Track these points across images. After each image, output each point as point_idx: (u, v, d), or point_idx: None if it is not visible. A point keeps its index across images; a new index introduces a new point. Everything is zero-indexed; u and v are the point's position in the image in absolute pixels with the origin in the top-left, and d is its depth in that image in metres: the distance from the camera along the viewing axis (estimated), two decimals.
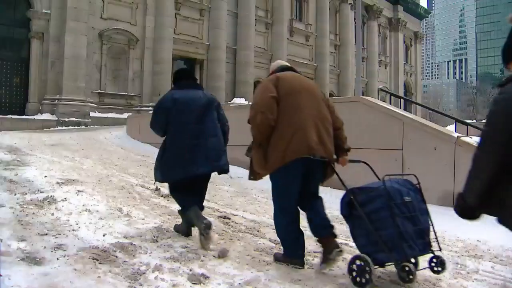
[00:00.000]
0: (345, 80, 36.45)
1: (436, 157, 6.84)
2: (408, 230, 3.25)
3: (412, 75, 48.65)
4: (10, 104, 20.82)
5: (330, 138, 3.67)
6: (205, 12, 27.18)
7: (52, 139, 14.02)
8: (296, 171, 3.54)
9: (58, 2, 21.15)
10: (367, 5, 39.05)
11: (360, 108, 8.12)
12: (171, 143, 4.39)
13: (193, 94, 4.48)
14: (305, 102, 3.64)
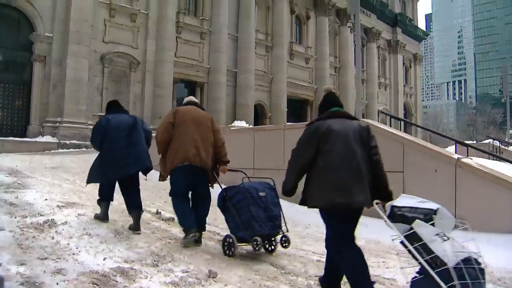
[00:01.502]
0: (345, 102, 36.31)
1: (437, 179, 6.85)
2: (260, 215, 4.88)
3: (412, 97, 48.79)
4: (12, 126, 20.85)
5: (207, 153, 5.38)
6: (206, 35, 27.37)
7: (53, 162, 14.01)
8: (181, 171, 5.25)
9: (60, 26, 21.31)
10: (366, 28, 39.41)
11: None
12: (108, 152, 5.90)
13: (121, 117, 6.12)
14: (191, 128, 5.38)
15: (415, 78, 49.77)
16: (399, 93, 44.81)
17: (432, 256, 3.05)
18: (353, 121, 3.83)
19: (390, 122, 22.69)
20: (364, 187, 3.52)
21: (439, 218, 3.20)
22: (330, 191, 3.48)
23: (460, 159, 6.80)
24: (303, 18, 34.43)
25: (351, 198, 3.44)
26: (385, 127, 8.54)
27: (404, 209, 3.33)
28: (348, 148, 3.57)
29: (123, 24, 23.65)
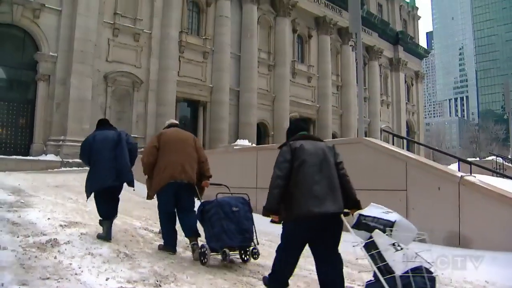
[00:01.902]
0: (348, 120, 36.55)
1: (440, 197, 6.82)
2: (231, 228, 5.29)
3: (414, 114, 48.86)
4: (15, 145, 20.93)
5: (192, 169, 5.91)
6: (208, 55, 27.55)
7: (56, 181, 14.01)
8: (167, 190, 5.74)
9: (65, 45, 21.53)
10: (368, 46, 39.60)
11: (363, 149, 8.14)
12: (93, 166, 6.43)
13: (107, 133, 6.54)
14: (176, 148, 5.89)
15: (417, 96, 49.88)
16: (401, 110, 44.87)
17: (384, 264, 3.37)
18: (320, 142, 4.25)
19: (392, 140, 22.72)
20: (336, 197, 3.88)
21: (395, 230, 3.53)
22: (305, 202, 3.80)
23: (463, 177, 6.77)
24: (305, 37, 34.66)
25: (325, 207, 3.77)
26: (388, 145, 8.52)
27: (368, 219, 3.65)
28: (319, 164, 3.96)
29: (126, 44, 23.88)
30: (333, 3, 35.77)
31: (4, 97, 21.08)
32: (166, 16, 25.16)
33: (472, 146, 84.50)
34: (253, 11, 29.68)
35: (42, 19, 21.24)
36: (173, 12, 25.43)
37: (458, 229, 6.42)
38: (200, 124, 27.18)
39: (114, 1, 23.70)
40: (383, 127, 40.24)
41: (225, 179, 10.37)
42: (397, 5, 47.30)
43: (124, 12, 23.94)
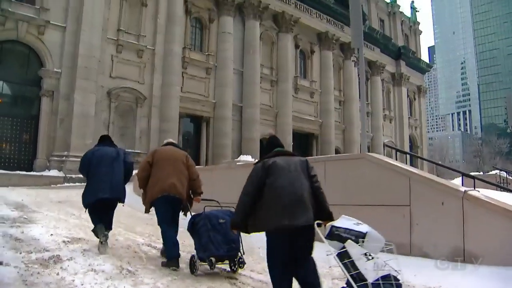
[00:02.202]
0: (351, 135, 36.52)
1: (444, 212, 6.78)
2: (217, 239, 5.64)
3: (417, 128, 48.83)
4: (19, 160, 21.01)
5: (182, 185, 6.25)
6: (211, 70, 27.72)
7: (59, 196, 14.02)
8: (160, 201, 6.13)
9: (69, 62, 21.70)
10: (370, 61, 39.77)
11: (365, 165, 8.13)
12: (90, 180, 6.81)
13: (106, 149, 6.95)
14: (168, 164, 6.29)
15: (419, 110, 49.88)
16: (404, 125, 44.85)
17: (357, 272, 3.63)
18: (294, 157, 4.47)
19: (396, 155, 22.66)
20: (306, 210, 4.10)
21: (366, 240, 3.80)
22: (276, 215, 4.05)
23: (467, 191, 6.74)
24: (308, 52, 34.82)
25: (294, 219, 4.01)
26: (391, 160, 8.50)
27: (340, 230, 3.90)
28: (291, 179, 4.20)
29: (130, 60, 24.04)
30: (335, 19, 35.97)
31: (8, 113, 21.22)
32: (170, 33, 25.36)
33: (475, 160, 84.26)
34: (255, 27, 29.90)
35: (46, 36, 21.46)
36: (176, 29, 25.65)
37: (463, 244, 6.37)
38: (203, 139, 27.24)
39: (117, 17, 23.91)
40: (386, 141, 40.16)
41: (228, 195, 10.38)
42: (398, 20, 47.53)
43: (128, 28, 24.15)
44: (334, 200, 8.30)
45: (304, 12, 33.60)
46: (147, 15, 25.11)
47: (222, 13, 28.49)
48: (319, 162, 9.55)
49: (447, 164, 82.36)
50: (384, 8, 46.23)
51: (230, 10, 28.66)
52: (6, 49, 20.98)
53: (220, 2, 28.44)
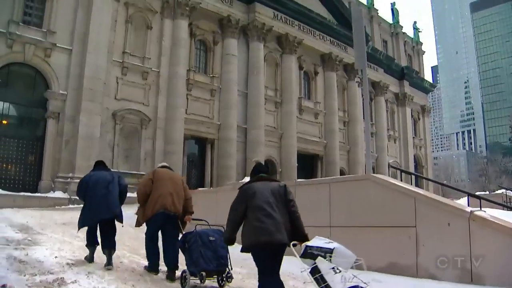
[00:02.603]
0: (355, 156, 36.40)
1: (450, 233, 6.76)
2: (208, 255, 6.10)
3: (422, 148, 48.69)
4: (24, 182, 21.01)
5: (180, 204, 6.99)
6: (216, 92, 27.83)
7: (64, 218, 14.00)
8: (157, 219, 6.80)
9: (74, 84, 21.85)
10: (373, 82, 39.83)
11: (371, 186, 8.14)
12: (87, 203, 7.43)
13: (101, 173, 7.65)
14: (166, 184, 6.96)
15: (424, 130, 49.80)
16: (409, 145, 44.72)
17: (326, 284, 4.08)
18: (273, 182, 5.01)
19: (400, 176, 22.62)
20: (281, 229, 4.57)
21: (334, 256, 4.26)
22: (256, 233, 4.58)
23: (473, 212, 6.73)
24: (311, 73, 34.93)
25: (272, 237, 4.50)
26: (396, 181, 8.50)
27: (313, 248, 4.40)
28: (269, 202, 4.69)
29: (135, 82, 24.21)
30: (338, 40, 36.11)
31: (14, 134, 21.30)
32: (174, 55, 25.56)
33: (481, 179, 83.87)
34: (259, 49, 30.07)
35: (53, 58, 21.65)
36: (181, 51, 25.84)
37: (470, 265, 6.35)
38: (208, 161, 27.23)
39: (123, 40, 24.14)
40: (391, 162, 40.04)
41: None
42: (401, 40, 47.76)
43: (133, 51, 24.37)
44: (339, 222, 8.35)
45: (308, 34, 33.77)
46: (152, 38, 25.36)
47: (226, 35, 28.72)
48: (324, 184, 9.58)
49: (452, 183, 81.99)
50: (387, 29, 46.52)
51: (234, 32, 28.91)
52: (13, 71, 21.17)
53: (224, 24, 28.70)
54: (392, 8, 48.93)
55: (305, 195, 9.30)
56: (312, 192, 9.50)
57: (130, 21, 24.63)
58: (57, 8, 22.10)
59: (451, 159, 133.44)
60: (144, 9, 25.21)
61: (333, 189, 8.90)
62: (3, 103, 20.88)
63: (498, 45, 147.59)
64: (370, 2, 44.66)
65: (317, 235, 4.66)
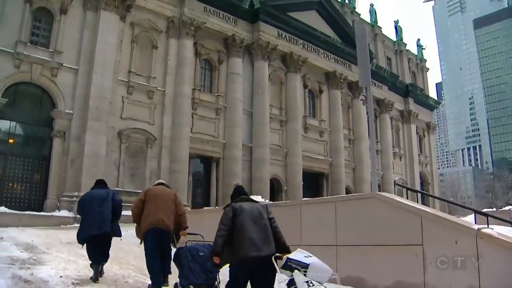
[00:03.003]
0: (361, 173, 36.25)
1: (458, 251, 6.70)
2: (196, 269, 6.38)
3: (428, 165, 48.49)
4: (29, 200, 21.01)
5: (169, 219, 7.28)
6: (221, 111, 27.92)
7: (69, 237, 13.94)
8: (150, 234, 7.15)
9: (80, 103, 21.97)
10: (378, 99, 39.89)
11: (376, 204, 8.10)
12: (83, 219, 8.25)
13: (98, 191, 8.36)
14: (159, 201, 7.35)
15: (429, 147, 49.66)
16: (414, 162, 44.54)
17: None
18: (256, 203, 5.55)
19: (406, 193, 22.53)
20: (269, 243, 5.04)
21: (309, 270, 4.54)
22: (244, 249, 4.92)
23: (480, 229, 6.66)
24: (316, 92, 35.00)
25: (260, 251, 4.90)
26: (402, 199, 8.46)
27: (292, 261, 4.68)
28: (255, 219, 5.15)
29: (140, 101, 24.35)
30: (342, 58, 36.28)
31: (20, 153, 21.42)
32: (179, 74, 25.75)
33: (488, 195, 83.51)
34: (264, 68, 30.24)
35: (59, 78, 21.84)
36: (186, 70, 26.02)
37: (478, 284, 6.28)
38: (213, 180, 27.19)
39: (128, 59, 24.36)
40: (397, 179, 39.95)
41: None
42: (405, 58, 47.88)
43: (138, 70, 24.57)
44: (346, 241, 8.31)
45: (312, 52, 33.96)
46: (157, 58, 25.58)
47: (231, 55, 28.93)
48: (330, 203, 9.56)
49: (459, 200, 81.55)
50: (390, 47, 46.70)
51: (239, 51, 29.12)
52: (20, 90, 21.34)
53: (229, 43, 28.93)
54: (396, 25, 49.14)
55: (311, 214, 9.27)
56: (318, 211, 9.48)
57: (136, 41, 24.88)
58: (64, 28, 22.38)
59: (457, 175, 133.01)
60: (149, 29, 25.49)
61: (339, 208, 8.87)
62: (10, 122, 21.04)
63: (502, 61, 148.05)
64: (373, 20, 44.91)
65: (320, 254, 4.91)
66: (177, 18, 26.39)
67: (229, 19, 29.03)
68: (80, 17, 23.04)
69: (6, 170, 20.81)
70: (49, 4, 22.23)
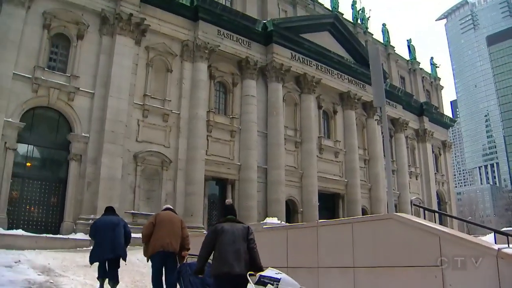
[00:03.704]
0: (377, 193, 35.89)
1: (478, 272, 6.60)
2: (196, 283, 7.10)
3: (444, 184, 47.97)
4: (46, 223, 21.08)
5: (176, 243, 8.28)
6: (236, 133, 27.98)
7: (85, 260, 13.94)
8: (157, 256, 8.15)
9: (97, 126, 22.20)
10: (393, 119, 39.78)
11: (394, 225, 8.02)
12: (97, 243, 9.37)
13: (109, 218, 9.58)
14: (166, 225, 8.34)
15: (446, 165, 49.18)
16: (431, 181, 44.06)
17: None
18: (239, 224, 6.23)
19: (424, 213, 22.27)
20: (240, 263, 5.78)
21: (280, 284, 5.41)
22: (220, 265, 5.79)
23: (500, 249, 6.56)
24: (330, 112, 34.96)
25: (232, 269, 5.70)
26: (420, 220, 8.35)
27: (265, 278, 5.57)
28: (233, 240, 5.90)
29: (155, 124, 24.54)
30: (356, 78, 36.28)
31: (37, 176, 21.64)
32: (194, 97, 25.94)
33: (507, 213, 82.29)
34: (278, 90, 30.34)
35: (76, 102, 22.11)
36: (200, 93, 26.21)
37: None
38: None
39: (143, 83, 24.62)
40: (413, 199, 39.56)
41: None
42: (419, 77, 47.77)
43: (154, 93, 24.81)
44: (363, 263, 8.23)
45: (326, 73, 34.02)
46: (172, 80, 25.84)
47: (245, 77, 29.11)
48: (347, 224, 9.48)
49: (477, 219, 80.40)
50: (404, 66, 46.68)
51: (253, 73, 29.30)
52: (37, 114, 21.64)
53: (243, 66, 29.14)
54: (409, 44, 49.18)
55: (328, 235, 9.20)
56: (335, 233, 9.40)
57: (151, 65, 25.17)
58: (81, 53, 22.76)
59: (475, 194, 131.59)
60: (164, 53, 25.80)
61: (356, 229, 8.79)
62: (27, 145, 21.30)
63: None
64: (386, 40, 45.02)
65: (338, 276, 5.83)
66: (191, 42, 26.72)
67: (242, 42, 29.29)
68: (96, 42, 23.45)
69: (23, 193, 20.98)
70: (66, 30, 22.70)
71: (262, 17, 31.28)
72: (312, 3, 37.41)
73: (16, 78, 20.45)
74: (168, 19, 26.10)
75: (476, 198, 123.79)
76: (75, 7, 22.85)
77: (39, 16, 21.78)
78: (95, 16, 23.57)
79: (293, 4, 35.38)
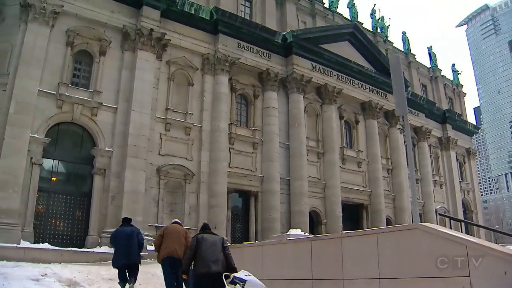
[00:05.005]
0: (401, 203, 35.46)
1: (508, 282, 6.49)
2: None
3: (470, 192, 47.17)
4: (71, 237, 21.35)
5: (181, 251, 9.77)
6: (258, 145, 28.02)
7: (110, 273, 14.11)
8: (166, 261, 10.00)
9: (120, 141, 22.46)
10: (415, 127, 39.40)
11: (419, 235, 7.91)
12: (117, 250, 11.04)
13: (126, 229, 11.21)
14: (172, 236, 10.20)
15: (470, 173, 48.40)
16: (456, 190, 43.37)
17: None
18: (215, 235, 7.79)
19: (450, 223, 21.96)
20: (217, 264, 7.19)
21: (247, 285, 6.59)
22: (200, 266, 7.18)
23: None
24: (352, 122, 34.82)
25: (210, 268, 7.09)
26: (446, 230, 8.21)
27: (236, 278, 6.73)
28: (210, 247, 7.36)
29: (178, 137, 24.76)
30: (377, 87, 36.06)
31: (62, 191, 21.98)
32: (216, 110, 26.12)
33: None
34: (299, 101, 30.37)
35: (99, 117, 22.46)
36: (222, 106, 26.39)
37: None
38: (252, 214, 27.11)
39: (165, 97, 24.89)
40: (438, 208, 39.00)
41: (279, 271, 10.27)
42: (441, 84, 47.31)
43: (175, 107, 25.05)
44: (389, 274, 8.14)
45: (347, 83, 33.91)
46: (194, 94, 26.07)
47: (266, 89, 29.21)
48: (371, 235, 9.39)
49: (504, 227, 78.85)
50: (425, 73, 46.33)
51: (274, 85, 29.37)
52: (61, 130, 22.04)
53: (264, 78, 29.26)
54: (430, 52, 48.79)
55: (352, 247, 9.12)
56: (359, 244, 9.31)
57: (172, 79, 25.43)
58: (103, 69, 23.16)
59: (501, 202, 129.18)
60: (185, 66, 26.06)
61: (380, 240, 8.70)
62: (52, 160, 21.68)
63: None
64: (407, 48, 44.77)
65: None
66: (212, 55, 26.94)
67: (262, 54, 29.43)
68: (118, 57, 23.83)
69: (49, 207, 21.33)
70: (89, 47, 23.13)
71: (281, 29, 31.41)
72: (331, 13, 37.49)
73: (41, 94, 20.88)
74: (188, 33, 26.41)
75: (503, 206, 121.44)
76: (97, 24, 23.32)
77: (63, 33, 22.28)
78: (117, 32, 24.00)
79: (312, 15, 35.51)
